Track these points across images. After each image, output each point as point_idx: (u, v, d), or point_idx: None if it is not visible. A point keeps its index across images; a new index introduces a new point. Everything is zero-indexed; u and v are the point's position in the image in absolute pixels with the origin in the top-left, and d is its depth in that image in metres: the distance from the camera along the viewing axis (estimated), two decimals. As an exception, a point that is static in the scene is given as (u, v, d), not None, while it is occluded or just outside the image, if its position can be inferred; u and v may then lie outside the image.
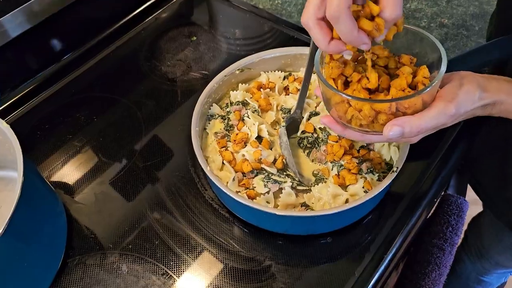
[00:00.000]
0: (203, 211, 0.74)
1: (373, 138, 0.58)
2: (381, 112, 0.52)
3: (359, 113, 0.53)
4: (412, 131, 0.51)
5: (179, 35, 1.03)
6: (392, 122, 0.52)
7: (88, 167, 0.81)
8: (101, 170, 0.81)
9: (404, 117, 0.52)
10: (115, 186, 0.78)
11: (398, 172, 0.66)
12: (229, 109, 0.81)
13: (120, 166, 0.81)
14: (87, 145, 0.85)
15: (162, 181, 0.78)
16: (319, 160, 0.74)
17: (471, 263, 1.23)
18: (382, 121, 0.53)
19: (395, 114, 0.52)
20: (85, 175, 0.80)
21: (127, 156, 0.82)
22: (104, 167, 0.81)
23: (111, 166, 0.81)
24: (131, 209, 0.75)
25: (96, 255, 0.71)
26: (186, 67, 0.96)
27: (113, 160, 0.82)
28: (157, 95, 0.91)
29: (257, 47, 0.99)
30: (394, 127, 0.51)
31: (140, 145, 0.83)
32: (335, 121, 0.59)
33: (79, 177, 0.80)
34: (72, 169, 0.81)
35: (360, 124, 0.55)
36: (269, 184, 0.69)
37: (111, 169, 0.81)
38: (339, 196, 0.69)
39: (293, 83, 0.85)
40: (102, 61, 0.98)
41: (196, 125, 0.74)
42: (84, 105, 0.91)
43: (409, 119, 0.51)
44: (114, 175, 0.80)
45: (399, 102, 0.51)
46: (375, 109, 0.52)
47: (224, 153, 0.73)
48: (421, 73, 0.55)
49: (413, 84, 0.56)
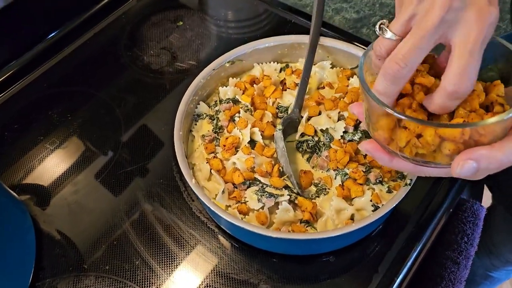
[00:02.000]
0: (190, 225, 0.66)
1: (430, 170, 0.46)
2: (448, 139, 0.40)
3: (417, 140, 0.41)
4: (489, 167, 0.40)
5: (163, 19, 0.93)
6: (464, 155, 0.39)
7: (61, 174, 0.72)
8: (76, 177, 0.72)
9: (480, 149, 0.39)
10: (91, 196, 0.70)
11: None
12: (218, 108, 0.72)
13: (96, 173, 0.72)
14: (60, 148, 0.75)
15: (143, 190, 0.70)
16: (321, 167, 0.65)
17: (478, 259, 1.17)
18: (448, 151, 0.40)
19: (465, 142, 0.40)
20: (58, 183, 0.71)
21: (104, 161, 0.73)
22: (79, 174, 0.72)
23: (87, 173, 0.72)
24: (109, 224, 0.67)
25: (69, 278, 0.63)
26: (171, 57, 0.86)
27: (89, 166, 0.73)
28: (138, 90, 0.82)
29: (250, 33, 0.89)
30: (468, 161, 0.39)
31: (119, 148, 0.74)
32: (381, 148, 0.47)
33: (51, 186, 0.71)
34: (43, 176, 0.72)
35: (416, 153, 0.43)
36: (264, 198, 0.60)
37: (87, 176, 0.72)
38: (343, 211, 0.60)
39: (290, 76, 0.75)
40: (77, 51, 0.88)
41: (180, 128, 0.65)
42: (57, 101, 0.81)
43: (487, 152, 0.39)
44: (89, 183, 0.71)
45: (476, 128, 0.39)
46: (441, 135, 0.40)
47: (212, 161, 0.64)
48: (495, 90, 0.43)
49: (484, 104, 0.43)
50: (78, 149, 0.75)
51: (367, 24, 0.86)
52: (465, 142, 0.40)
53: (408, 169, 0.47)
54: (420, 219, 0.64)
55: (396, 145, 0.44)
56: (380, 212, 0.55)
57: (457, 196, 0.69)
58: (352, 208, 0.60)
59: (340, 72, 0.74)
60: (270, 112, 0.70)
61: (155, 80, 0.83)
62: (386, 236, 0.63)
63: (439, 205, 0.66)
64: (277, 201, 0.60)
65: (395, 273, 0.60)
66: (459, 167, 0.40)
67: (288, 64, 0.77)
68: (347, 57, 0.73)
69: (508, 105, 0.43)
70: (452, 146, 0.40)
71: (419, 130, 0.41)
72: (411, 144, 0.42)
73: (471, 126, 0.39)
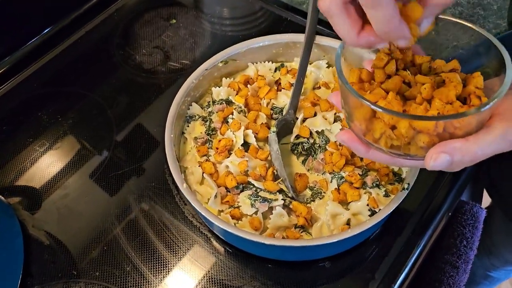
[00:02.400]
0: (182, 229, 0.64)
1: (406, 162, 0.44)
2: (422, 132, 0.39)
3: (392, 132, 0.40)
4: (463, 160, 0.39)
5: (156, 17, 0.90)
6: (438, 148, 0.39)
7: (50, 177, 0.71)
8: (66, 181, 0.70)
9: (454, 142, 0.38)
10: (81, 200, 0.68)
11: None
12: (211, 109, 0.70)
13: (87, 175, 0.70)
14: (50, 150, 0.74)
15: (134, 193, 0.68)
16: (316, 170, 0.63)
17: (478, 259, 1.16)
18: (422, 143, 0.39)
19: (440, 135, 0.39)
20: (47, 187, 0.70)
21: (95, 164, 0.71)
22: (69, 177, 0.70)
23: (77, 176, 0.70)
24: (99, 228, 0.65)
25: (58, 284, 0.61)
26: (164, 56, 0.84)
27: (79, 169, 0.71)
28: (131, 90, 0.80)
29: (245, 31, 0.87)
30: (441, 154, 0.38)
31: (111, 150, 0.72)
32: (357, 139, 0.46)
33: (40, 190, 0.69)
34: (33, 179, 0.71)
35: (392, 145, 0.42)
36: (257, 203, 0.58)
37: (77, 179, 0.70)
38: (339, 216, 0.58)
39: (285, 76, 0.73)
40: (68, 49, 0.86)
41: (171, 130, 0.63)
42: (47, 101, 0.79)
43: (461, 145, 0.38)
44: (80, 186, 0.69)
45: (450, 121, 0.38)
46: (415, 127, 0.39)
47: (205, 164, 0.62)
48: (473, 81, 0.42)
49: (462, 96, 0.41)
50: (68, 152, 0.73)
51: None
52: (439, 134, 0.39)
53: (384, 160, 0.46)
54: (418, 223, 0.63)
55: (371, 136, 0.43)
56: (377, 218, 0.54)
57: (457, 198, 0.67)
58: (348, 212, 0.58)
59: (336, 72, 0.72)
60: (264, 113, 0.68)
61: (148, 80, 0.81)
62: (384, 240, 0.62)
63: (438, 208, 0.64)
64: (271, 205, 0.59)
65: (393, 279, 0.58)
66: (432, 159, 0.39)
67: (283, 63, 0.76)
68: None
69: (486, 97, 0.41)
70: (426, 138, 0.39)
71: (393, 121, 0.39)
72: (386, 135, 0.41)
73: (445, 119, 0.38)
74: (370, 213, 0.58)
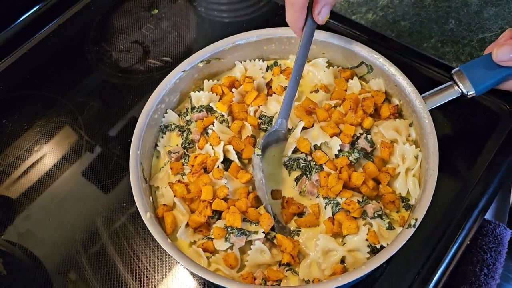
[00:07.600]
0: (154, 259, 0.56)
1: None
2: None
3: None
4: None
5: (136, 7, 0.81)
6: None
7: (16, 196, 0.63)
8: (29, 201, 0.62)
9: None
10: (43, 224, 0.60)
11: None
12: (190, 117, 0.60)
13: (53, 195, 0.62)
14: (14, 165, 0.66)
15: (103, 216, 0.60)
16: (310, 193, 0.54)
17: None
18: None
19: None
20: (10, 207, 0.62)
21: (62, 179, 0.64)
22: (33, 200, 0.62)
23: (41, 196, 0.63)
24: (62, 257, 0.58)
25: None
26: (143, 52, 0.75)
27: (45, 189, 0.63)
28: (104, 93, 0.71)
29: (236, 23, 0.77)
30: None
31: (80, 164, 0.64)
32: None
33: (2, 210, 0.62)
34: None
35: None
36: (232, 237, 0.49)
37: (40, 200, 0.62)
38: (332, 252, 0.49)
39: (278, 77, 0.63)
40: (37, 47, 0.77)
41: (138, 146, 0.55)
42: (12, 107, 0.71)
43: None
44: (43, 207, 0.61)
45: None
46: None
47: (176, 186, 0.53)
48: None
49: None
50: (34, 168, 0.65)
51: (373, 8, 0.72)
52: None
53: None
54: (434, 250, 0.52)
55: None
56: (376, 261, 0.44)
57: (478, 220, 0.56)
58: (343, 249, 0.48)
59: (337, 73, 0.62)
60: (250, 123, 0.58)
61: (124, 80, 0.72)
62: (392, 272, 0.52)
63: (455, 229, 0.53)
64: (249, 239, 0.49)
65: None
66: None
67: (276, 61, 0.65)
68: (347, 54, 0.61)
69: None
70: None
71: None
72: None
73: None
74: (370, 250, 0.48)
